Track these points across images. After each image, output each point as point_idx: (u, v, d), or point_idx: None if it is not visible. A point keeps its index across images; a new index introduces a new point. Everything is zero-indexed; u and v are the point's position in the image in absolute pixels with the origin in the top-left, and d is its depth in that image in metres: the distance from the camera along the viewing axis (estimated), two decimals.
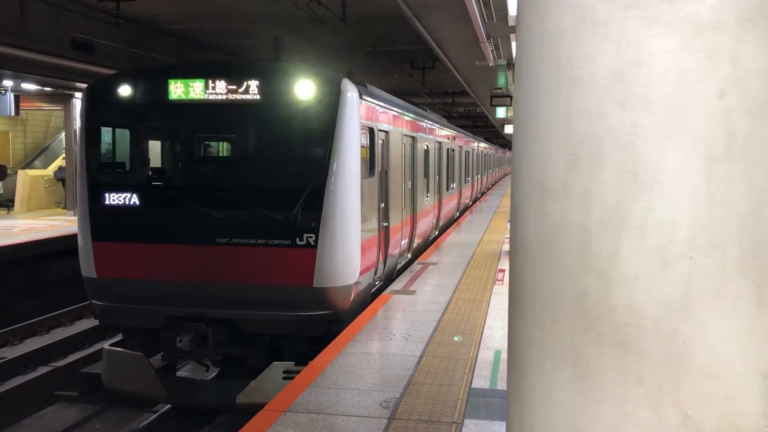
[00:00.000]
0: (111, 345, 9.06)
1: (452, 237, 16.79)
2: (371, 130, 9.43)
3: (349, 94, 8.19)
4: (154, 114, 9.09)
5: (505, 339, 6.83)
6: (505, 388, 2.38)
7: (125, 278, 8.46)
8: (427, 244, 15.64)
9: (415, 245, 13.72)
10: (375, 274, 9.73)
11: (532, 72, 2.24)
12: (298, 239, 7.96)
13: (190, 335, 8.01)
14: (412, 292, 10.04)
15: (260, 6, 15.43)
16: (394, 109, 11.54)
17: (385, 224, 10.41)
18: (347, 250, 8.18)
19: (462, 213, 23.88)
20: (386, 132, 10.64)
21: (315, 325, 8.06)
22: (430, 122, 16.20)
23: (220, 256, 8.12)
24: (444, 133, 18.69)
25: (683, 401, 1.96)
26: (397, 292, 10.09)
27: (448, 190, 19.30)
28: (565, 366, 2.11)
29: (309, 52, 19.65)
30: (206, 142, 10.07)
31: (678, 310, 1.95)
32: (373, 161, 9.51)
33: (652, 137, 1.94)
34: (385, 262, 10.41)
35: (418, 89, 27.54)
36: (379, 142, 10.01)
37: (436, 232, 17.32)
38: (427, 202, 15.17)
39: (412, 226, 13.32)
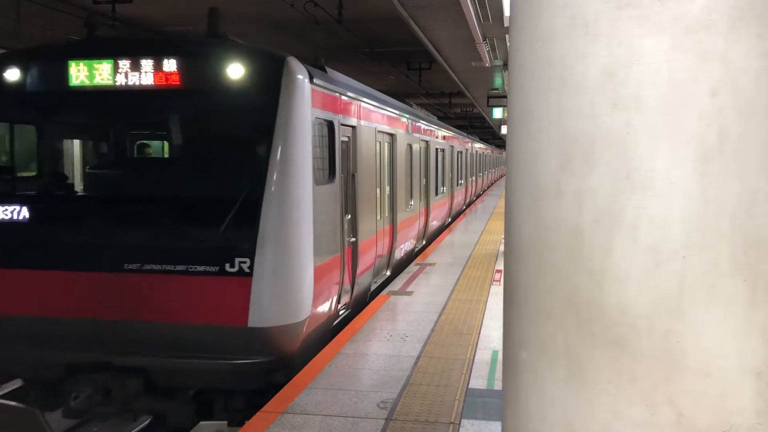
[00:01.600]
0: (1, 396, 7.25)
1: (450, 238, 16.80)
2: (330, 124, 7.61)
3: (295, 77, 6.46)
4: (50, 104, 7.09)
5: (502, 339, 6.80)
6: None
7: (10, 315, 6.55)
8: (412, 256, 13.93)
9: (395, 260, 11.90)
10: (337, 303, 7.89)
11: (525, 72, 2.24)
12: (228, 265, 6.19)
13: (89, 390, 6.21)
14: (410, 293, 10.05)
15: (256, 8, 15.43)
16: (366, 100, 9.60)
17: (353, 239, 8.62)
18: (294, 277, 6.42)
19: (455, 218, 22.33)
20: (353, 127, 8.76)
21: (252, 375, 6.36)
22: (415, 118, 14.24)
23: (130, 286, 6.34)
24: (432, 130, 16.86)
25: (677, 399, 1.96)
26: (394, 293, 10.10)
27: (437, 194, 17.41)
28: (558, 365, 2.11)
29: (305, 53, 19.63)
30: (113, 140, 7.92)
31: (671, 309, 1.95)
32: (333, 162, 7.67)
33: (644, 137, 1.95)
34: (352, 286, 8.62)
35: (415, 90, 27.56)
36: (342, 138, 8.12)
37: (424, 242, 15.67)
38: (410, 209, 13.31)
39: (392, 239, 11.51)
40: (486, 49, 14.10)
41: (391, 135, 11.57)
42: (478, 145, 34.85)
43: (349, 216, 8.54)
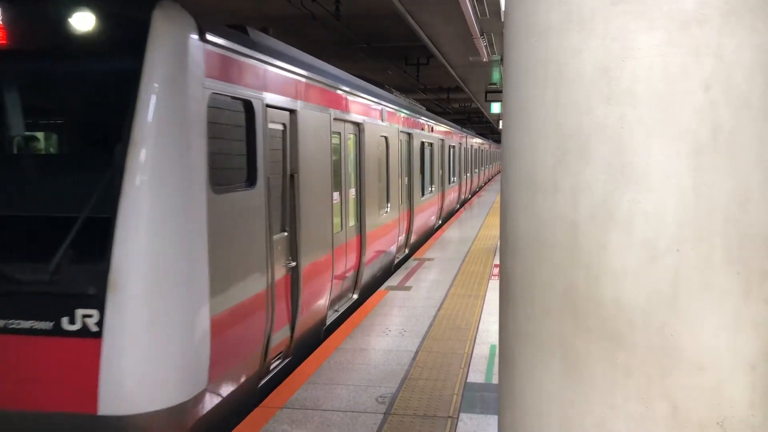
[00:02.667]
0: None
1: (448, 233, 16.82)
2: (248, 105, 5.45)
3: (173, 31, 4.40)
4: None
5: None
6: None
7: None
8: (390, 270, 11.85)
9: (365, 279, 9.71)
10: (264, 355, 5.78)
11: (521, 67, 2.25)
12: (65, 320, 4.14)
13: None
14: (408, 288, 10.06)
15: (253, 4, 15.42)
16: (315, 77, 7.19)
17: (292, 264, 6.49)
18: (174, 335, 4.28)
19: (446, 220, 20.39)
20: (292, 112, 6.50)
21: None
22: (394, 106, 11.86)
23: None
24: (417, 121, 14.52)
25: (672, 393, 1.98)
26: (393, 288, 10.12)
27: (423, 194, 15.31)
28: (554, 359, 2.13)
29: (303, 50, 19.63)
30: None
31: (666, 303, 1.96)
32: (253, 159, 5.49)
33: (639, 131, 1.96)
34: (292, 327, 6.53)
35: (413, 85, 27.56)
36: (271, 126, 5.96)
37: (407, 251, 13.50)
38: (386, 215, 11.16)
39: (359, 254, 9.36)
40: (483, 44, 14.11)
41: (357, 125, 9.24)
42: (474, 139, 32.99)
43: (286, 233, 6.43)
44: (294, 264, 6.56)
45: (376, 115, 10.36)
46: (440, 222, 18.96)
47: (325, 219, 7.58)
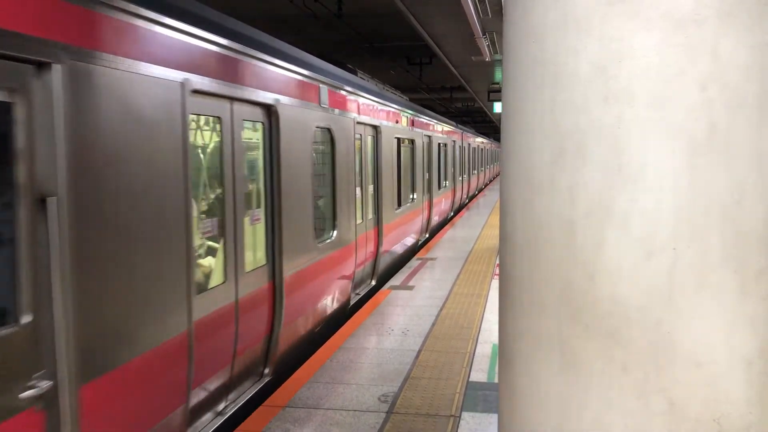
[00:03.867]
0: None
1: (451, 233, 16.83)
2: None
3: None
4: None
5: None
6: None
7: None
8: (344, 315, 8.62)
9: (284, 347, 6.35)
10: None
11: (519, 67, 2.27)
12: None
13: None
14: (411, 288, 10.08)
15: (255, 3, 15.45)
16: (123, 8, 3.70)
17: (42, 386, 3.07)
18: None
19: (435, 233, 17.57)
20: (41, 66, 3.06)
21: None
22: (343, 87, 8.40)
23: None
24: (388, 112, 11.34)
25: (668, 389, 1.99)
26: (395, 287, 10.13)
27: (401, 205, 12.52)
28: (552, 356, 2.14)
29: (304, 49, 19.66)
30: None
31: (662, 300, 1.98)
32: None
33: (635, 130, 1.98)
34: None
35: (416, 85, 27.58)
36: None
37: (373, 282, 10.40)
38: (333, 242, 7.85)
39: (271, 313, 6.05)
40: (486, 43, 14.11)
41: (266, 107, 5.92)
42: (474, 138, 29.96)
43: (31, 317, 3.07)
44: (50, 384, 3.17)
45: (307, 95, 6.96)
46: (427, 235, 15.87)
47: (170, 272, 4.25)
